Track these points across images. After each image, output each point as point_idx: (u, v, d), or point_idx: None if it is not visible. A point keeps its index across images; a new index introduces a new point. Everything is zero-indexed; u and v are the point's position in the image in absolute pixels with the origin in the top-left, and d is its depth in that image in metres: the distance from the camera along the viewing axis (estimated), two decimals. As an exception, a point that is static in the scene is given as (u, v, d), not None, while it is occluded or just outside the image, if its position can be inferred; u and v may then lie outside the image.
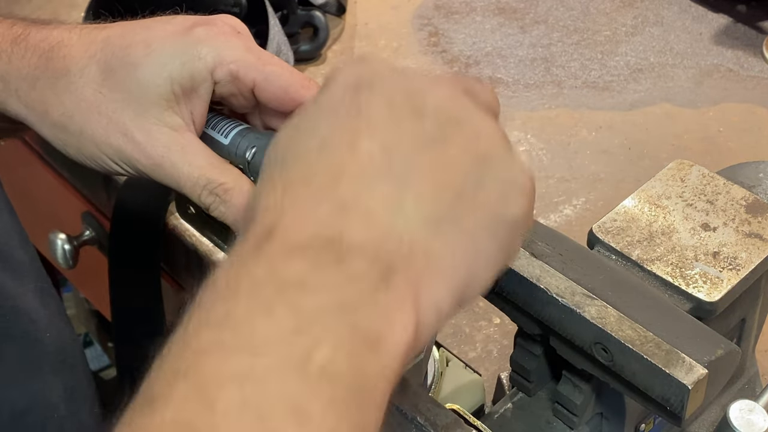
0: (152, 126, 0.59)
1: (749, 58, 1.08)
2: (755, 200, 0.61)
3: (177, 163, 0.59)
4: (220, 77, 0.59)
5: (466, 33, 1.13)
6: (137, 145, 0.59)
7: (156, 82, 0.58)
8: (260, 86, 0.59)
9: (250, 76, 0.59)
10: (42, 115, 0.61)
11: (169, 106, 0.59)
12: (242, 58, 0.59)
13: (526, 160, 0.46)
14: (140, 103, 0.58)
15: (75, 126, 0.60)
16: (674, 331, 0.51)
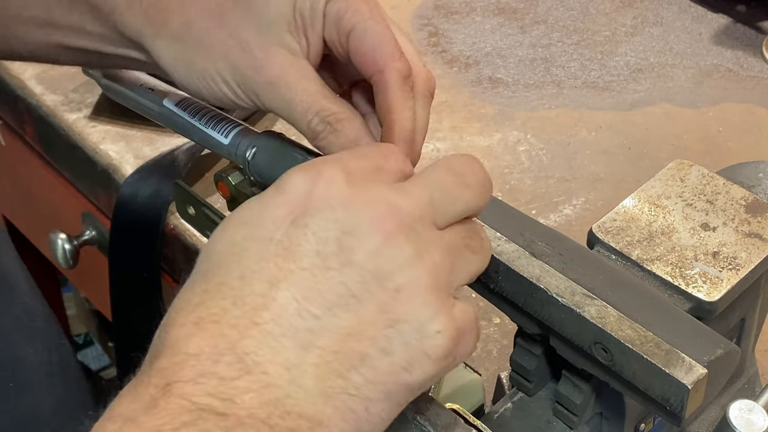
0: (272, 45, 0.57)
1: (749, 58, 1.08)
2: (755, 200, 0.61)
3: (292, 85, 0.57)
4: (329, 12, 0.57)
5: (466, 33, 1.13)
6: (255, 61, 0.57)
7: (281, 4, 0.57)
8: (355, 34, 0.56)
9: (353, 20, 0.56)
10: (161, 25, 0.59)
11: (289, 30, 0.57)
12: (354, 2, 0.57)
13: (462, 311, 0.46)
14: (263, 21, 0.57)
15: (193, 37, 0.58)
16: (674, 330, 0.51)
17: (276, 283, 0.43)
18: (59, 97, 1.04)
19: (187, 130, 0.67)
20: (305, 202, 0.44)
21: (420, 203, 0.45)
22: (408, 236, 0.44)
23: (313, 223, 0.43)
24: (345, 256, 0.43)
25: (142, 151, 0.97)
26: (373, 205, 0.44)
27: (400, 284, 0.43)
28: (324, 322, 0.42)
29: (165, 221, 0.91)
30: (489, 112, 1.03)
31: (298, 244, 0.43)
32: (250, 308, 0.42)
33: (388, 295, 0.43)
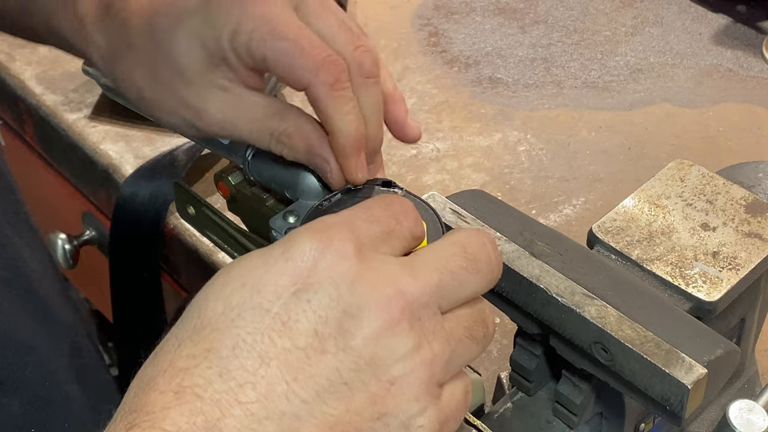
0: (205, 92, 0.57)
1: (749, 58, 1.08)
2: (755, 200, 0.61)
3: (237, 124, 0.57)
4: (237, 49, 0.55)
5: (466, 33, 1.13)
6: (197, 113, 0.58)
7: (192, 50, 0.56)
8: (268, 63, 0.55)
9: (260, 50, 0.55)
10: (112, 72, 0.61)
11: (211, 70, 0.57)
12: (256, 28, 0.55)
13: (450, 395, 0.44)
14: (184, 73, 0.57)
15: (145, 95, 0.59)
16: (674, 330, 0.51)
17: (268, 360, 0.40)
18: (59, 97, 1.04)
19: (187, 130, 0.67)
20: (310, 273, 0.42)
21: (428, 288, 0.43)
22: (411, 325, 0.42)
23: (316, 300, 0.41)
24: (343, 340, 0.41)
25: (142, 151, 0.97)
26: (380, 287, 0.42)
27: (395, 377, 0.41)
28: (311, 409, 0.40)
29: (165, 221, 0.91)
30: (489, 112, 1.03)
31: (296, 320, 0.41)
32: (237, 384, 0.40)
33: (381, 387, 0.41)
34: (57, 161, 1.07)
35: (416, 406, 0.42)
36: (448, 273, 0.43)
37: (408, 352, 0.41)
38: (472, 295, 0.45)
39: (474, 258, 0.44)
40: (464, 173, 0.96)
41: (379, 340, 0.41)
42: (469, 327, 0.44)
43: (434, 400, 0.42)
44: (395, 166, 0.96)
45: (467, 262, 0.44)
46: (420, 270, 0.43)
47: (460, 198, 0.60)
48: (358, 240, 0.43)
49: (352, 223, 0.44)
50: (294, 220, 0.59)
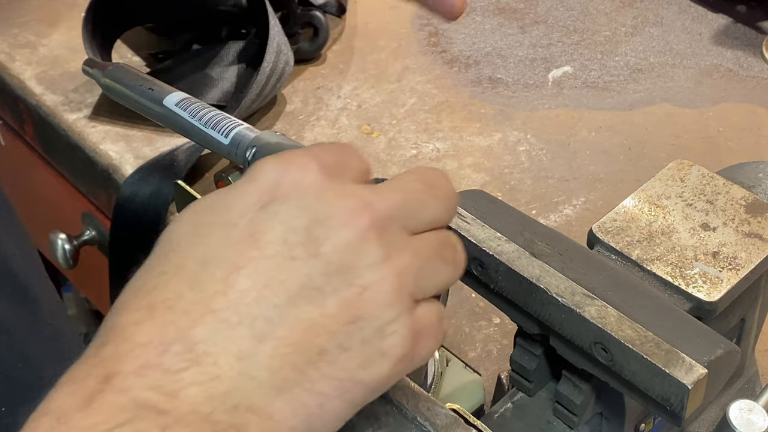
0: None
1: (749, 58, 1.08)
2: (755, 200, 0.61)
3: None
4: None
5: (466, 33, 1.13)
6: None
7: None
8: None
9: None
10: None
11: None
12: None
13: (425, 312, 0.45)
14: None
15: None
16: (674, 331, 0.51)
17: (237, 269, 0.41)
18: (59, 97, 1.04)
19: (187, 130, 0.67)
20: (276, 188, 0.43)
21: (393, 204, 0.44)
22: (379, 235, 0.43)
23: (283, 210, 0.42)
24: (312, 246, 0.42)
25: (142, 151, 0.97)
26: (348, 197, 0.43)
27: (367, 282, 0.42)
28: (284, 312, 0.41)
29: (165, 221, 0.91)
30: (489, 112, 1.03)
31: (264, 232, 0.42)
32: (208, 294, 0.41)
33: (353, 292, 0.42)
34: (57, 161, 1.07)
35: (389, 313, 0.42)
36: (409, 193, 0.45)
37: (377, 260, 0.42)
38: (434, 221, 0.46)
39: (432, 184, 0.46)
40: (464, 173, 0.96)
41: (348, 247, 0.42)
42: (436, 248, 0.45)
43: (407, 309, 0.43)
44: (395, 166, 0.96)
45: (426, 186, 0.46)
46: (384, 189, 0.45)
47: (460, 198, 0.60)
48: (320, 161, 0.44)
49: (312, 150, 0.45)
50: (294, 220, 0.59)
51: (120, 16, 1.05)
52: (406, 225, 0.44)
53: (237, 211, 0.42)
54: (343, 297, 0.42)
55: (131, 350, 0.40)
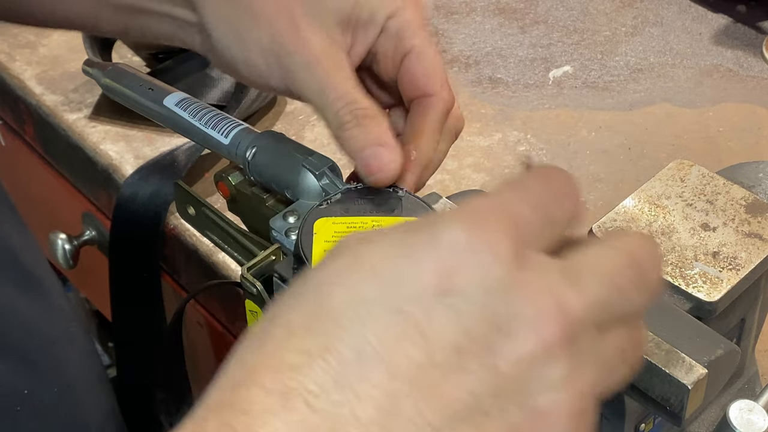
0: (318, 28, 0.57)
1: (749, 58, 1.08)
2: (755, 200, 0.61)
3: (329, 70, 0.56)
4: (389, 27, 0.57)
5: (466, 33, 1.13)
6: (298, 38, 0.56)
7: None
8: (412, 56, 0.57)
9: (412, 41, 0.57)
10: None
11: (340, 24, 0.57)
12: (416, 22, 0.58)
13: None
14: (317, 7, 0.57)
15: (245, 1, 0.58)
16: (674, 330, 0.51)
17: (396, 373, 0.34)
18: (59, 97, 1.04)
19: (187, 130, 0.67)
20: (458, 272, 0.35)
21: (591, 305, 0.36)
22: (568, 350, 0.35)
23: (462, 306, 0.34)
24: (488, 359, 0.34)
25: (142, 151, 0.97)
26: (540, 300, 0.35)
27: (541, 407, 0.35)
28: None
29: (165, 221, 0.91)
30: (489, 112, 1.03)
31: (435, 329, 0.34)
32: (356, 397, 0.34)
33: (523, 418, 0.35)
34: (57, 161, 1.07)
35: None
36: (615, 288, 0.37)
37: (559, 380, 0.35)
38: (630, 315, 0.38)
39: (644, 271, 0.38)
40: (464, 173, 0.96)
41: (530, 363, 0.35)
42: (624, 350, 0.38)
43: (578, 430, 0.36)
44: (395, 166, 0.95)
45: (637, 276, 0.38)
46: (585, 281, 0.36)
47: (460, 198, 0.60)
48: (518, 233, 0.36)
49: (512, 209, 0.37)
50: (294, 220, 0.59)
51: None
52: (600, 323, 0.37)
53: (408, 291, 0.35)
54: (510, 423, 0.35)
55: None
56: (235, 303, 0.88)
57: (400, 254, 0.36)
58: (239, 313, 0.85)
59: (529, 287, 0.35)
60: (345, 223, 0.56)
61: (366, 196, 0.58)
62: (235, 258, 0.68)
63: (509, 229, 0.36)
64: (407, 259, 0.35)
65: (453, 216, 0.36)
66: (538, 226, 0.37)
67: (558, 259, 0.37)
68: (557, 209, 0.38)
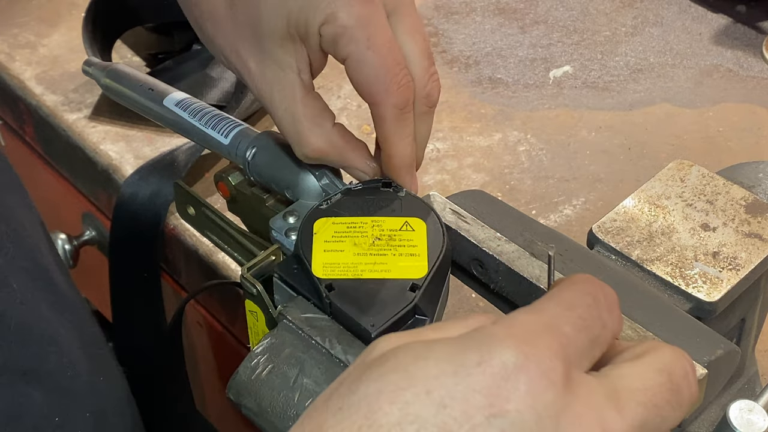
0: (264, 58, 0.57)
1: (749, 58, 1.08)
2: (755, 200, 0.61)
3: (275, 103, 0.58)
4: (325, 34, 0.56)
5: (466, 33, 1.13)
6: (249, 72, 0.58)
7: (274, 15, 0.56)
8: (350, 64, 0.55)
9: (348, 49, 0.55)
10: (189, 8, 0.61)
11: (282, 44, 0.57)
12: (351, 26, 0.55)
13: None
14: (258, 32, 0.57)
15: (207, 33, 0.60)
16: (674, 331, 0.52)
17: None
18: (59, 97, 1.04)
19: (187, 130, 0.67)
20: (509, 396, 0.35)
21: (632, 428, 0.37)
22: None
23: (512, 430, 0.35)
24: None
25: (142, 151, 0.97)
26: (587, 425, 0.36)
27: None
28: None
29: (165, 221, 0.91)
30: (489, 112, 1.03)
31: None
32: None
33: None
34: (57, 161, 1.07)
35: None
36: (653, 408, 0.38)
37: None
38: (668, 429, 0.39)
39: (679, 389, 0.39)
40: (464, 173, 0.96)
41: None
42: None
43: None
44: (395, 166, 0.96)
45: (672, 395, 0.39)
46: (626, 403, 0.37)
47: (460, 198, 0.60)
48: (566, 356, 0.37)
49: (559, 330, 0.38)
50: (294, 220, 0.59)
51: (120, 16, 1.05)
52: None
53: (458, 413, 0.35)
54: None
55: None
56: (235, 303, 0.88)
57: (452, 374, 0.36)
58: (239, 313, 0.85)
59: (576, 413, 0.36)
60: (345, 223, 0.56)
61: (366, 196, 0.58)
62: (235, 258, 0.68)
63: (558, 350, 0.36)
64: (458, 379, 0.35)
65: (504, 337, 0.36)
66: (584, 348, 0.38)
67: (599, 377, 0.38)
68: (601, 329, 0.39)
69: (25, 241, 0.69)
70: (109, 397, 0.69)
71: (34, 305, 0.65)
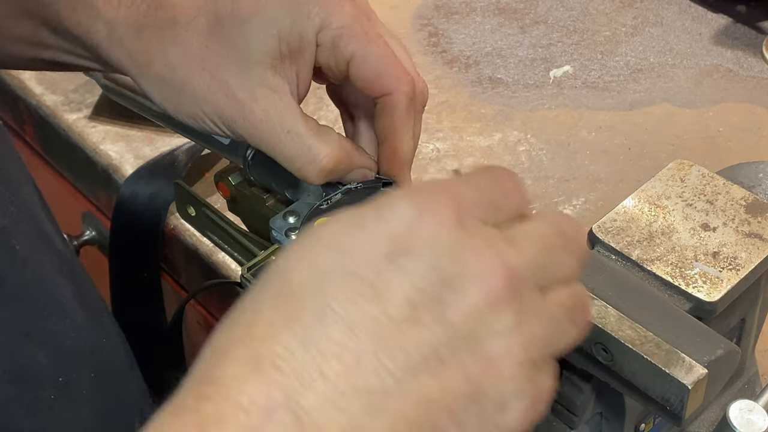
0: (254, 86, 0.56)
1: (749, 58, 1.08)
2: (755, 200, 0.61)
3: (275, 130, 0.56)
4: (323, 41, 0.55)
5: (466, 33, 1.13)
6: (237, 104, 0.56)
7: (263, 38, 0.55)
8: (356, 61, 0.55)
9: (351, 47, 0.55)
10: (144, 66, 0.58)
11: (273, 66, 0.56)
12: (348, 25, 0.55)
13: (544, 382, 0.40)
14: (245, 60, 0.56)
15: (177, 79, 0.57)
16: (674, 331, 0.51)
17: (356, 331, 0.37)
18: (59, 97, 1.04)
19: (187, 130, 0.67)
20: (407, 238, 0.38)
21: (530, 261, 0.40)
22: (512, 301, 0.39)
23: (412, 268, 0.38)
24: (440, 311, 0.38)
25: (142, 151, 0.97)
26: (484, 258, 0.39)
27: (493, 354, 0.38)
28: (401, 385, 0.37)
29: (165, 221, 0.91)
30: (489, 112, 1.03)
31: (389, 289, 0.37)
32: (321, 355, 0.37)
33: (477, 364, 0.38)
34: (57, 161, 1.07)
35: (512, 386, 0.39)
36: (546, 248, 0.41)
37: (507, 329, 0.38)
38: (567, 276, 0.42)
39: (567, 235, 0.42)
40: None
41: (479, 314, 0.38)
42: (568, 308, 0.41)
43: (530, 380, 0.39)
44: (395, 166, 0.95)
45: (563, 239, 0.42)
46: (521, 242, 0.40)
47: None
48: (460, 206, 0.40)
49: (454, 189, 0.41)
50: (294, 220, 0.59)
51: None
52: (540, 283, 0.41)
53: (362, 258, 0.38)
54: (466, 369, 0.38)
55: (233, 413, 0.36)
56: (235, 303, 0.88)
57: (352, 227, 0.39)
58: (239, 313, 0.85)
59: (474, 247, 0.39)
60: (345, 223, 0.56)
61: (366, 195, 0.58)
62: (235, 258, 0.68)
63: (451, 202, 0.39)
64: (359, 231, 0.39)
65: (399, 193, 0.40)
66: (481, 206, 0.41)
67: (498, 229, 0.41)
68: (501, 198, 0.42)
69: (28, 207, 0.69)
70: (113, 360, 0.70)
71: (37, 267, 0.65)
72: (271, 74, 0.56)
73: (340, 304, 0.37)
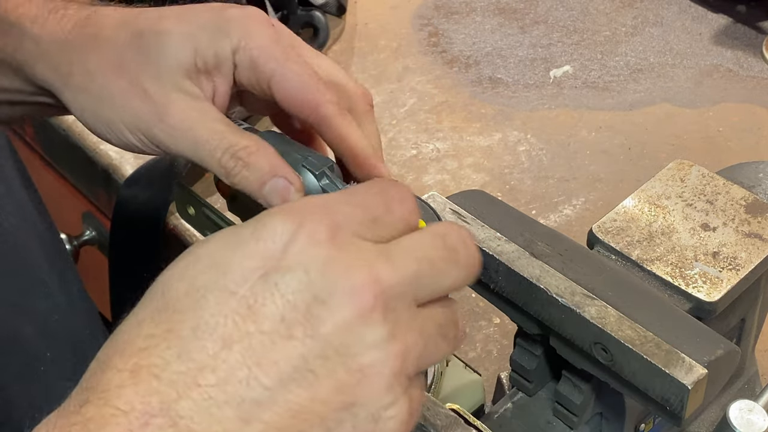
0: (170, 91, 0.56)
1: (749, 58, 1.08)
2: (755, 200, 0.61)
3: (195, 126, 0.56)
4: (240, 61, 0.56)
5: (466, 33, 1.13)
6: (155, 108, 0.56)
7: (181, 51, 0.56)
8: (276, 81, 0.56)
9: (269, 66, 0.56)
10: (66, 76, 0.59)
11: (189, 76, 0.56)
12: (267, 46, 0.56)
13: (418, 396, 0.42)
14: (162, 67, 0.56)
15: (95, 87, 0.58)
16: (674, 331, 0.51)
17: (230, 343, 0.39)
18: (59, 97, 1.03)
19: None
20: (280, 256, 0.40)
21: (405, 276, 0.41)
22: (384, 314, 0.40)
23: (284, 284, 0.40)
24: (311, 326, 0.39)
25: (142, 151, 0.97)
26: (354, 273, 0.40)
27: (365, 366, 0.40)
28: (273, 396, 0.39)
29: (165, 221, 0.91)
30: (489, 112, 1.03)
31: (262, 304, 0.39)
32: (196, 366, 0.39)
33: (349, 376, 0.39)
34: (57, 161, 1.07)
35: (386, 398, 0.40)
36: (427, 262, 0.42)
37: (380, 342, 0.40)
38: (449, 289, 0.43)
39: (454, 249, 0.43)
40: (464, 173, 0.96)
41: (350, 327, 0.40)
42: (441, 325, 0.43)
43: (404, 392, 0.41)
44: (395, 167, 0.96)
45: (448, 252, 0.43)
46: (398, 257, 0.41)
47: (460, 198, 0.60)
48: (334, 223, 0.41)
49: (331, 206, 0.42)
50: (294, 220, 0.59)
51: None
52: (416, 297, 0.42)
53: (237, 276, 0.40)
54: (339, 381, 0.39)
55: (112, 416, 0.38)
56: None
57: (229, 246, 0.41)
58: (239, 313, 0.85)
59: (344, 263, 0.40)
60: (345, 223, 0.56)
61: None
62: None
63: (325, 218, 0.41)
64: (235, 250, 0.41)
65: (275, 211, 0.42)
66: (361, 222, 0.42)
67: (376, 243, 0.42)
68: (384, 213, 0.43)
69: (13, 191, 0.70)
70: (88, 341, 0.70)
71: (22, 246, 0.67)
72: (189, 84, 0.57)
73: (215, 319, 0.39)
